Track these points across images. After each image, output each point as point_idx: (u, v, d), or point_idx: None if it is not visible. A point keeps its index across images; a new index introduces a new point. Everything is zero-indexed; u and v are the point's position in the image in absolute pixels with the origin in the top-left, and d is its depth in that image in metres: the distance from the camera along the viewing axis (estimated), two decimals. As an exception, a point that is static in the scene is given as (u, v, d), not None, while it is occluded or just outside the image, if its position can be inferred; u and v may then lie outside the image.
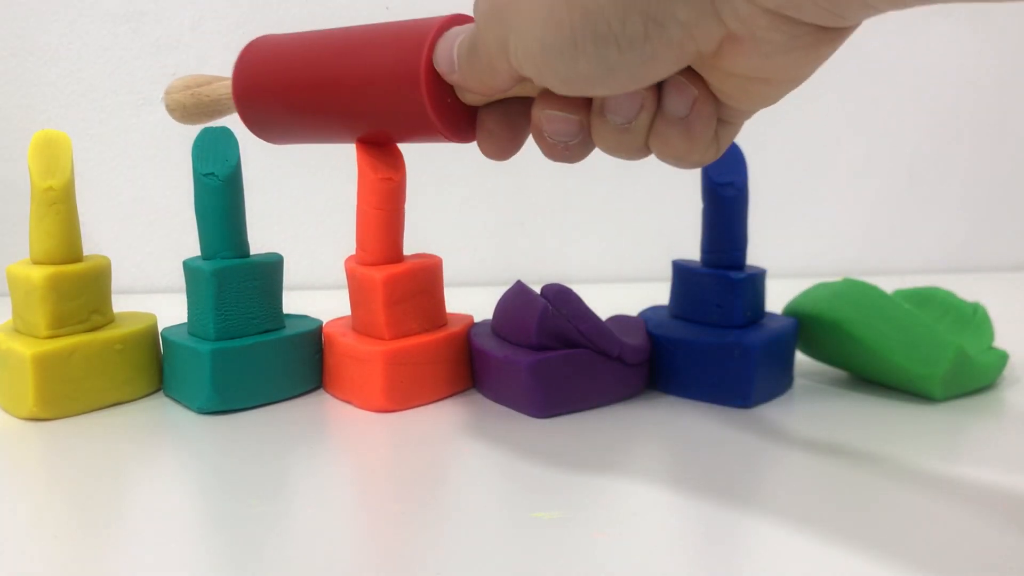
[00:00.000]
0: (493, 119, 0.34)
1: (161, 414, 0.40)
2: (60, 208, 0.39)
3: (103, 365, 0.40)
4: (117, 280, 0.43)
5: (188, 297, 0.41)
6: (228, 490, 0.32)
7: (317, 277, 0.72)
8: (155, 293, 0.67)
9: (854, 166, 0.80)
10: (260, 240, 0.44)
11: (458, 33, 0.33)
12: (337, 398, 0.42)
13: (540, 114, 0.30)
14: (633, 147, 0.30)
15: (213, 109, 0.43)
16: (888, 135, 0.80)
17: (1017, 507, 0.30)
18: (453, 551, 0.27)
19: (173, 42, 0.73)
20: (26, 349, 0.38)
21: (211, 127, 0.40)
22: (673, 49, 0.25)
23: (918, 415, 0.39)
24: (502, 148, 0.34)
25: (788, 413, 0.39)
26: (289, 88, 0.40)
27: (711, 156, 0.30)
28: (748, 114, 0.30)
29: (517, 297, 0.40)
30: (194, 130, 0.41)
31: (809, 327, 0.43)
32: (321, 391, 0.43)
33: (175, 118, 0.44)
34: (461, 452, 0.35)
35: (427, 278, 0.41)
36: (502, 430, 0.37)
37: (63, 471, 0.34)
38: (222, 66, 0.73)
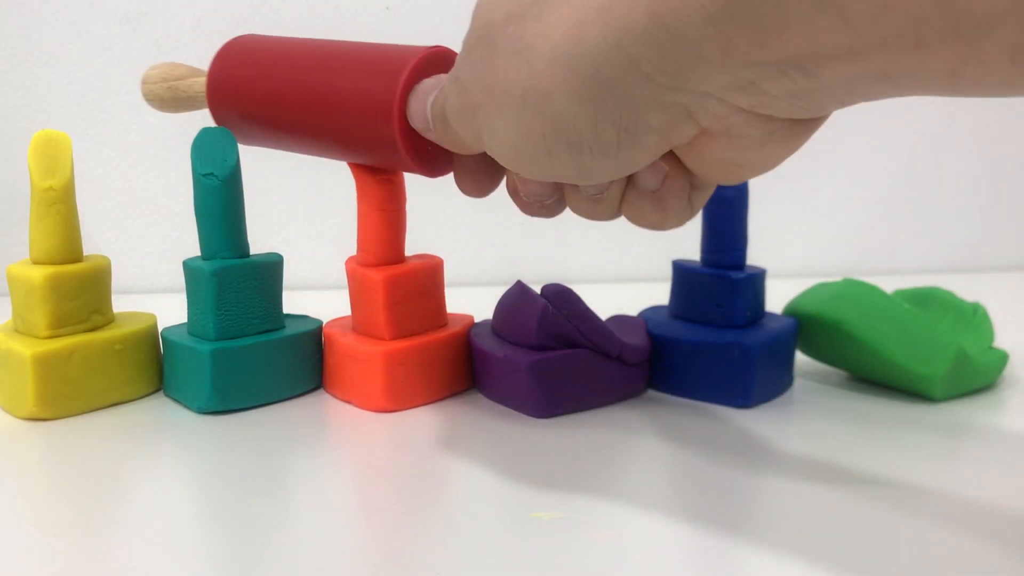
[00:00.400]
0: (472, 159, 0.33)
1: (161, 414, 0.40)
2: (60, 208, 0.39)
3: (103, 365, 0.40)
4: (117, 280, 0.43)
5: (188, 297, 0.41)
6: (228, 490, 0.32)
7: (317, 277, 0.71)
8: (155, 293, 0.67)
9: (854, 166, 0.80)
10: (260, 240, 0.44)
11: (431, 89, 0.33)
12: (337, 398, 0.42)
13: (515, 176, 0.30)
14: (606, 214, 0.29)
15: (190, 104, 0.43)
16: (888, 135, 0.80)
17: (1017, 507, 0.30)
18: (453, 551, 0.27)
19: (173, 42, 0.73)
20: (26, 349, 0.38)
21: (210, 127, 0.40)
22: (648, 152, 0.25)
23: (918, 415, 0.39)
24: (481, 186, 0.34)
25: (788, 413, 0.39)
26: (260, 98, 0.40)
27: (684, 220, 0.29)
28: (713, 186, 0.29)
29: (517, 297, 0.40)
30: (194, 130, 0.41)
31: (809, 327, 0.43)
32: (321, 391, 0.43)
33: (153, 107, 0.43)
34: (461, 452, 0.35)
35: (428, 279, 0.41)
36: (502, 430, 0.37)
37: (63, 471, 0.34)
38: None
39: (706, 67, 0.22)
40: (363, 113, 0.35)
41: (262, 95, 0.40)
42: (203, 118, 0.43)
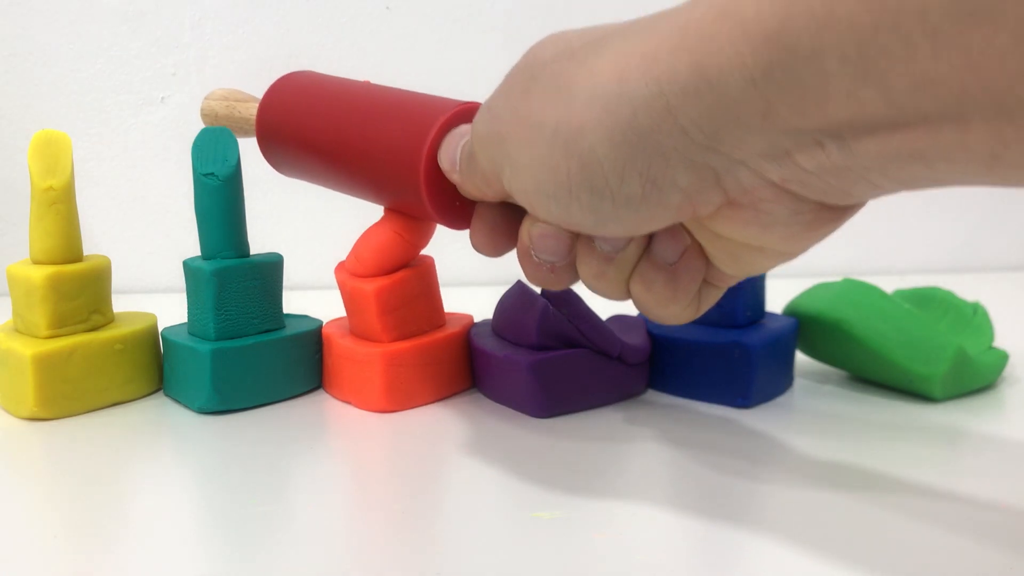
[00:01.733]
0: (491, 214, 0.33)
1: (161, 414, 0.40)
2: (60, 208, 0.39)
3: (103, 365, 0.40)
4: (117, 280, 0.43)
5: (188, 297, 0.41)
6: (228, 490, 0.32)
7: (317, 277, 0.72)
8: (155, 293, 0.67)
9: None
10: (260, 240, 0.44)
11: (464, 133, 0.33)
12: (337, 399, 0.42)
13: (531, 227, 0.30)
14: (615, 281, 0.29)
15: (240, 127, 0.44)
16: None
17: (1017, 507, 0.30)
18: (453, 551, 0.27)
19: (173, 42, 0.73)
20: (26, 349, 0.38)
21: (210, 127, 0.40)
22: (670, 211, 0.25)
23: (918, 415, 0.39)
24: (495, 244, 0.33)
25: (788, 413, 0.39)
26: (302, 135, 0.41)
27: (689, 315, 0.29)
28: (733, 280, 0.29)
29: (517, 297, 0.40)
30: (194, 131, 0.41)
31: (809, 327, 0.43)
32: (321, 391, 0.43)
33: (205, 122, 0.44)
34: (461, 452, 0.35)
35: (420, 283, 0.41)
36: (502, 430, 0.37)
37: (63, 471, 0.34)
38: (222, 65, 0.74)
39: (743, 129, 0.22)
40: (392, 161, 0.36)
41: (304, 132, 0.41)
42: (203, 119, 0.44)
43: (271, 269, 0.41)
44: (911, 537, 0.27)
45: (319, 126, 0.40)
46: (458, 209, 0.36)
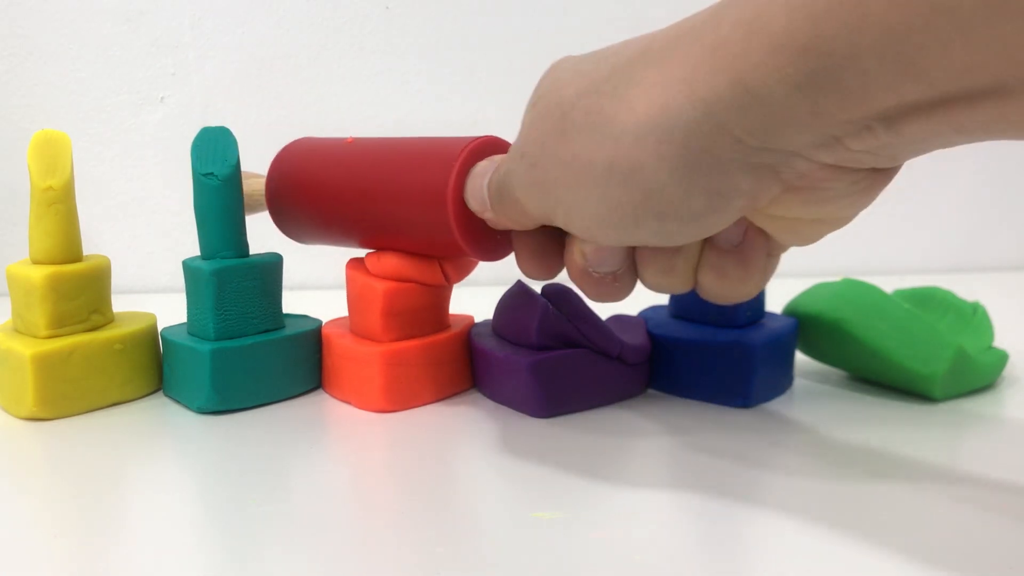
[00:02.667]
0: (532, 240, 0.33)
1: (161, 414, 0.40)
2: (60, 208, 0.39)
3: (103, 365, 0.40)
4: (117, 280, 0.43)
5: (188, 297, 0.41)
6: (228, 490, 0.32)
7: (317, 277, 0.72)
8: (155, 293, 0.67)
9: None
10: (260, 240, 0.44)
11: (486, 171, 0.33)
12: (336, 398, 0.42)
13: (582, 247, 0.30)
14: (683, 274, 0.29)
15: (249, 205, 0.44)
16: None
17: (1017, 507, 0.30)
18: (453, 551, 0.27)
19: (173, 41, 0.73)
20: (26, 349, 0.38)
21: (209, 126, 0.40)
22: (734, 212, 0.25)
23: (918, 415, 0.39)
24: (547, 267, 0.33)
25: (788, 413, 0.39)
26: (317, 197, 0.41)
27: (760, 286, 0.29)
28: (786, 248, 0.30)
29: (517, 297, 0.40)
30: (194, 130, 0.41)
31: (809, 327, 0.43)
32: (321, 391, 0.43)
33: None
34: (461, 452, 0.35)
35: (432, 296, 0.41)
36: (502, 430, 0.37)
37: (63, 471, 0.34)
38: (222, 65, 0.74)
39: (794, 129, 0.22)
40: (419, 204, 0.36)
41: (319, 195, 0.41)
42: (205, 118, 0.44)
43: (271, 269, 0.41)
44: (911, 537, 0.27)
45: (336, 186, 0.40)
46: (492, 241, 0.37)
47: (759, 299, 0.42)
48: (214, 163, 0.39)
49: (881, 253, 0.82)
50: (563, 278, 0.36)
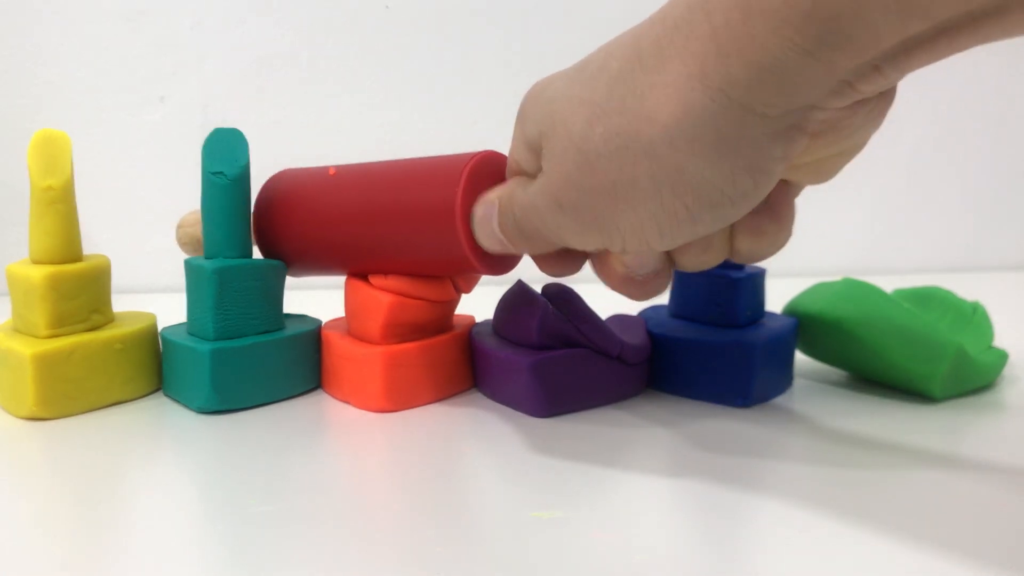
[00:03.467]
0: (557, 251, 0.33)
1: (161, 414, 0.40)
2: (60, 207, 0.39)
3: (103, 364, 0.40)
4: (117, 280, 0.43)
5: (188, 296, 0.41)
6: (228, 490, 0.32)
7: (317, 277, 0.71)
8: (155, 293, 0.67)
9: (854, 166, 0.79)
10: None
11: (488, 215, 0.33)
12: (336, 399, 0.42)
13: (620, 259, 0.30)
14: (720, 245, 0.30)
15: (193, 247, 0.44)
16: (888, 135, 0.80)
17: (1017, 507, 0.30)
18: (453, 550, 0.27)
19: (172, 41, 0.73)
20: (26, 349, 0.38)
21: (223, 128, 0.40)
22: (777, 178, 0.26)
23: (918, 414, 0.39)
24: (569, 267, 0.34)
25: (788, 412, 0.39)
26: (310, 227, 0.41)
27: (791, 233, 0.30)
28: (804, 187, 0.30)
29: (518, 297, 0.40)
30: (193, 130, 0.41)
31: (809, 327, 0.43)
32: (320, 391, 0.43)
33: (186, 252, 0.44)
34: (461, 452, 0.35)
35: (436, 312, 0.41)
36: (502, 430, 0.37)
37: (63, 471, 0.34)
38: (221, 65, 0.74)
39: (811, 86, 0.23)
40: (426, 224, 0.36)
41: (313, 224, 0.41)
42: (204, 118, 0.44)
43: (273, 271, 0.41)
44: (910, 536, 0.27)
45: (330, 214, 0.40)
46: (500, 258, 0.37)
47: (759, 298, 0.42)
48: (224, 163, 0.40)
49: (881, 253, 0.82)
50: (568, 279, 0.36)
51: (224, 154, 0.40)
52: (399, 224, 0.38)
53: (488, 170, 0.36)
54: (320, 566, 0.26)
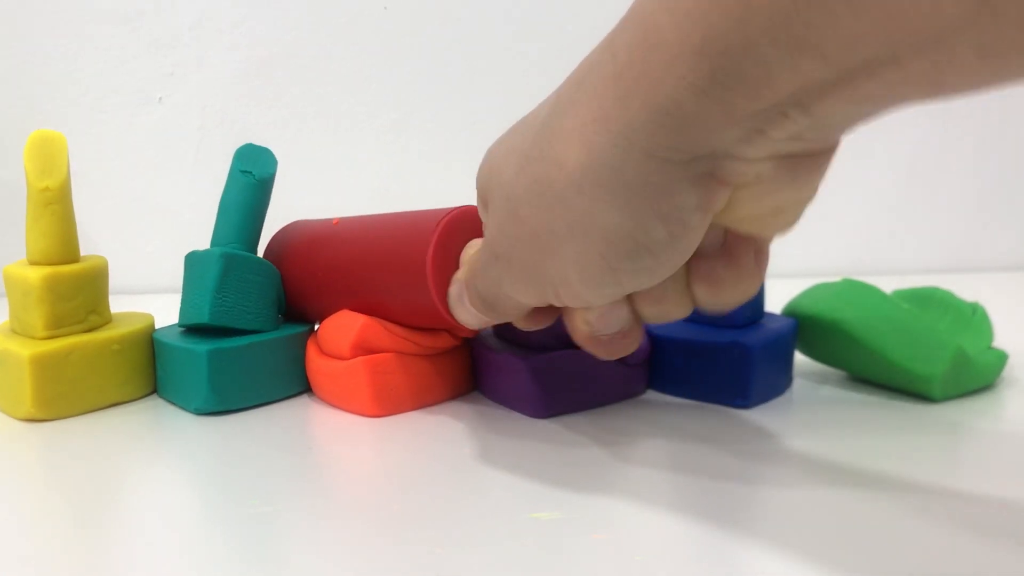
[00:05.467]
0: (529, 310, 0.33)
1: (158, 414, 0.40)
2: (56, 208, 0.39)
3: (101, 366, 0.40)
4: (114, 280, 0.43)
5: (184, 286, 0.41)
6: (227, 491, 0.32)
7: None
8: (153, 294, 0.67)
9: (853, 166, 0.80)
10: (262, 246, 0.44)
11: (460, 293, 0.33)
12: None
13: (584, 316, 0.30)
14: (675, 298, 0.29)
15: None
16: (887, 135, 0.80)
17: (1015, 507, 0.29)
18: (452, 551, 0.27)
19: (172, 42, 0.73)
20: (23, 350, 0.38)
21: (254, 144, 0.42)
22: (699, 227, 0.25)
23: (917, 415, 0.39)
24: (543, 320, 0.33)
25: (787, 413, 0.39)
26: (308, 278, 0.42)
27: (756, 284, 0.29)
28: (771, 239, 0.29)
29: (516, 297, 0.40)
30: (186, 134, 0.41)
31: (808, 327, 0.43)
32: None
33: None
34: (460, 452, 0.35)
35: (416, 362, 0.40)
36: (502, 430, 0.37)
37: (61, 472, 0.34)
38: (220, 66, 0.74)
39: (713, 132, 0.22)
40: (405, 281, 0.37)
41: (311, 272, 0.42)
42: (202, 119, 0.44)
43: (274, 274, 0.42)
44: (910, 536, 0.27)
45: (325, 266, 0.41)
46: None
47: (758, 299, 0.42)
48: (253, 166, 0.41)
49: (881, 253, 0.82)
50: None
51: (255, 161, 0.41)
52: (383, 278, 0.38)
53: (464, 226, 0.36)
54: (318, 567, 0.26)
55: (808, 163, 0.24)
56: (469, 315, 0.34)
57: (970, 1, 0.17)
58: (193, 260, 0.41)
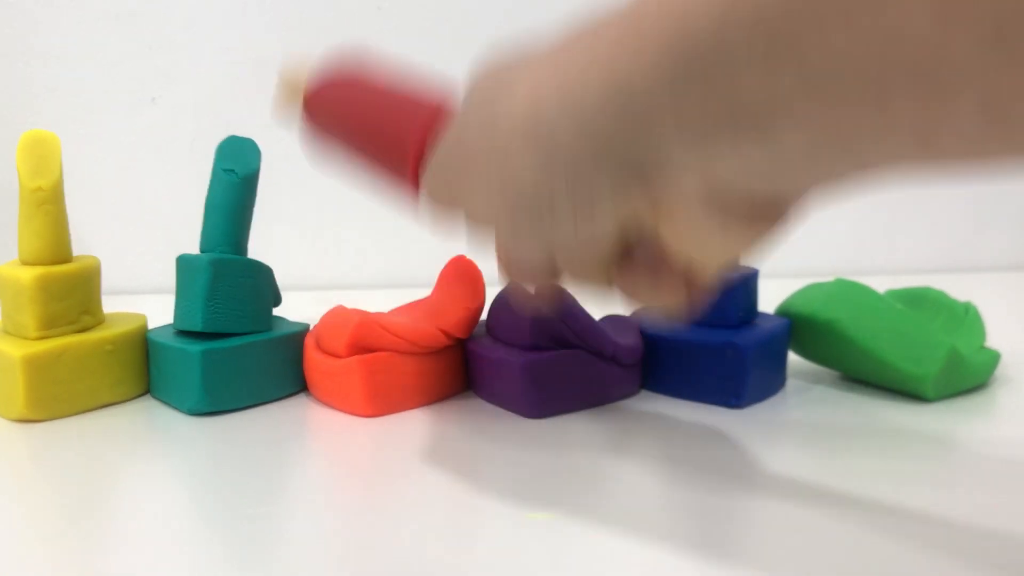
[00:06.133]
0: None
1: (151, 415, 0.40)
2: (49, 208, 0.39)
3: (93, 366, 0.40)
4: (107, 281, 0.43)
5: (177, 291, 0.40)
6: (221, 492, 0.31)
7: (309, 278, 0.71)
8: (145, 294, 0.66)
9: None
10: (254, 240, 0.44)
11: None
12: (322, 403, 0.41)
13: (504, 249, 0.30)
14: (596, 274, 0.28)
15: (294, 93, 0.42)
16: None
17: (1010, 507, 0.30)
18: (447, 552, 0.27)
19: (164, 42, 0.73)
20: (16, 350, 0.38)
21: (237, 136, 0.41)
22: (605, 223, 0.25)
23: (910, 415, 0.39)
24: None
25: (781, 413, 0.39)
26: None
27: (677, 304, 0.28)
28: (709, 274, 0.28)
29: (511, 297, 0.40)
30: (179, 134, 0.41)
31: (802, 327, 0.43)
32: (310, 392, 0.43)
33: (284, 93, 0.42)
34: (455, 453, 0.35)
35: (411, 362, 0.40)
36: (496, 431, 0.37)
37: (54, 473, 0.34)
38: (214, 66, 0.73)
39: (657, 132, 0.21)
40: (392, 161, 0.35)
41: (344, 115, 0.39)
42: (196, 119, 0.43)
43: (265, 272, 0.42)
44: (905, 537, 0.27)
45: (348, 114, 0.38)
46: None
47: (751, 299, 0.42)
48: (236, 163, 0.40)
49: (874, 253, 0.82)
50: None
51: (237, 156, 0.41)
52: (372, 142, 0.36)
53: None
54: (312, 568, 0.26)
55: (744, 224, 0.23)
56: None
57: (984, 35, 0.15)
58: (183, 265, 0.40)
